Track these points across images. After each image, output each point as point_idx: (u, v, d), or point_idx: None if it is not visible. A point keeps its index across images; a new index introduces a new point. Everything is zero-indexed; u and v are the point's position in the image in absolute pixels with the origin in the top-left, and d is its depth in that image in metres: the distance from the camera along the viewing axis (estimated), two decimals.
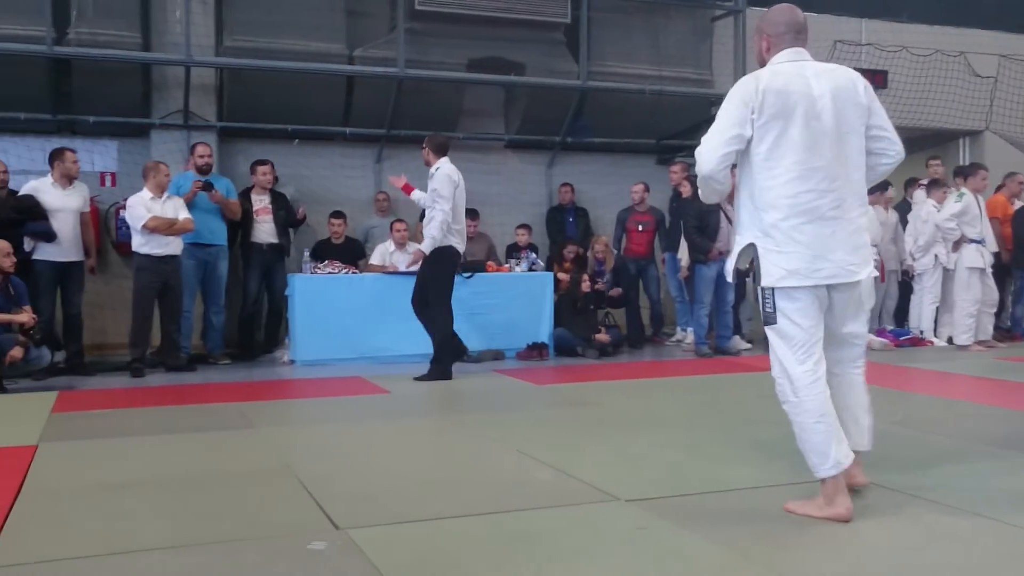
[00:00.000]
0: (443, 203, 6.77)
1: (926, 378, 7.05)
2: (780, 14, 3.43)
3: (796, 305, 3.21)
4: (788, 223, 3.18)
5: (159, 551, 2.90)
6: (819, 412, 3.21)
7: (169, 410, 5.71)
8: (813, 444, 3.24)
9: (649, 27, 10.01)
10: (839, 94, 3.26)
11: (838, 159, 3.22)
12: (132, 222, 7.17)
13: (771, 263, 3.21)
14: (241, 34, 8.76)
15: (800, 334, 3.22)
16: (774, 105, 3.19)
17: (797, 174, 3.18)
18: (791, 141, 3.18)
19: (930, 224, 9.07)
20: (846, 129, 3.25)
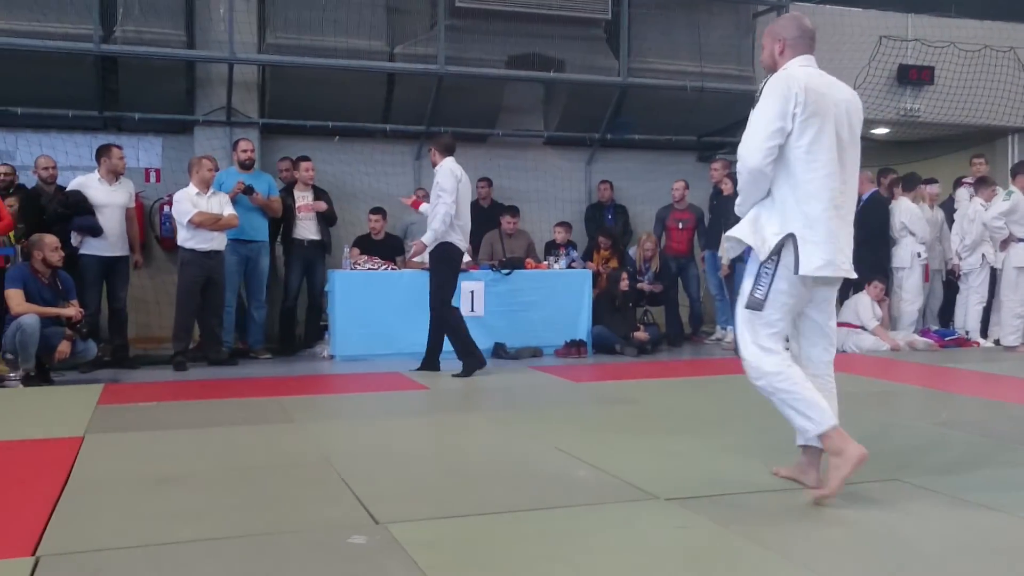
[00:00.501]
0: (446, 196, 6.77)
1: (971, 379, 6.93)
2: (795, 20, 3.61)
3: (794, 298, 3.39)
4: (827, 214, 3.33)
5: (202, 542, 2.93)
6: (800, 376, 3.38)
7: (211, 404, 5.78)
8: (806, 403, 3.34)
9: (690, 23, 9.93)
10: (851, 106, 3.48)
11: (851, 164, 3.45)
12: (178, 217, 7.26)
13: (810, 253, 3.32)
14: (283, 31, 8.84)
15: (781, 322, 3.43)
16: (814, 103, 3.32)
17: (831, 170, 3.35)
18: (827, 138, 3.34)
19: (977, 223, 8.91)
20: (855, 139, 3.48)
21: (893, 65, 11.30)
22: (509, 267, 8.28)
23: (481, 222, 9.33)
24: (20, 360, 6.36)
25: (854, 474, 3.31)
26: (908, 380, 6.86)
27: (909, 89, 11.49)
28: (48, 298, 6.52)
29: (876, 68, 11.09)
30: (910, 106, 11.50)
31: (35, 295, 6.45)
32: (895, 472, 3.82)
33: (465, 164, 7.27)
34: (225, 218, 7.39)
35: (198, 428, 4.91)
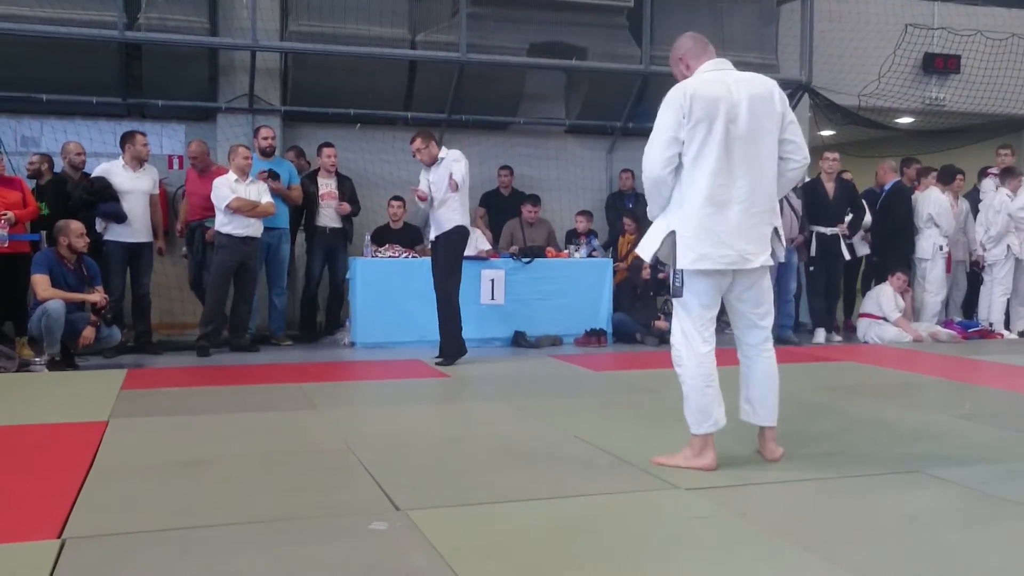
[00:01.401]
0: (460, 173, 6.83)
1: (994, 371, 6.88)
2: (684, 39, 3.85)
3: (700, 285, 3.63)
4: (703, 211, 3.56)
5: (224, 527, 2.97)
6: (709, 377, 3.66)
7: (233, 390, 5.82)
8: (700, 405, 3.67)
9: (714, 11, 9.87)
10: (755, 100, 3.61)
11: (749, 159, 3.59)
12: (216, 202, 7.31)
13: (686, 247, 3.59)
14: (306, 19, 8.86)
15: (700, 310, 3.66)
16: (701, 109, 3.55)
17: (714, 170, 3.55)
18: (713, 141, 3.55)
19: (1003, 214, 8.83)
20: (760, 132, 3.61)
21: (919, 54, 11.18)
22: (529, 256, 8.28)
23: (502, 210, 9.35)
24: (45, 345, 6.44)
25: (685, 468, 3.67)
26: (930, 372, 6.81)
27: (935, 78, 11.37)
28: (73, 284, 6.59)
29: (901, 57, 10.97)
30: (935, 95, 11.39)
31: (60, 281, 6.52)
32: (917, 464, 3.81)
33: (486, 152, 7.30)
34: (262, 205, 7.47)
35: (220, 414, 4.95)
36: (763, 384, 3.81)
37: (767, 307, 3.80)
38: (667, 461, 3.75)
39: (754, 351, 3.81)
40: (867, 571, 2.62)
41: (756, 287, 3.73)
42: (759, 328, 3.80)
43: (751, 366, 3.83)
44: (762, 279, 3.75)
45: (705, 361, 3.67)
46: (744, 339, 3.83)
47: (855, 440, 4.34)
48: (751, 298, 3.75)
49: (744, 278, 3.69)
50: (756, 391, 3.81)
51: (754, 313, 3.77)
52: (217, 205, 7.30)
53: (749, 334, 3.81)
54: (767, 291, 3.79)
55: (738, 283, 3.69)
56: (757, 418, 3.83)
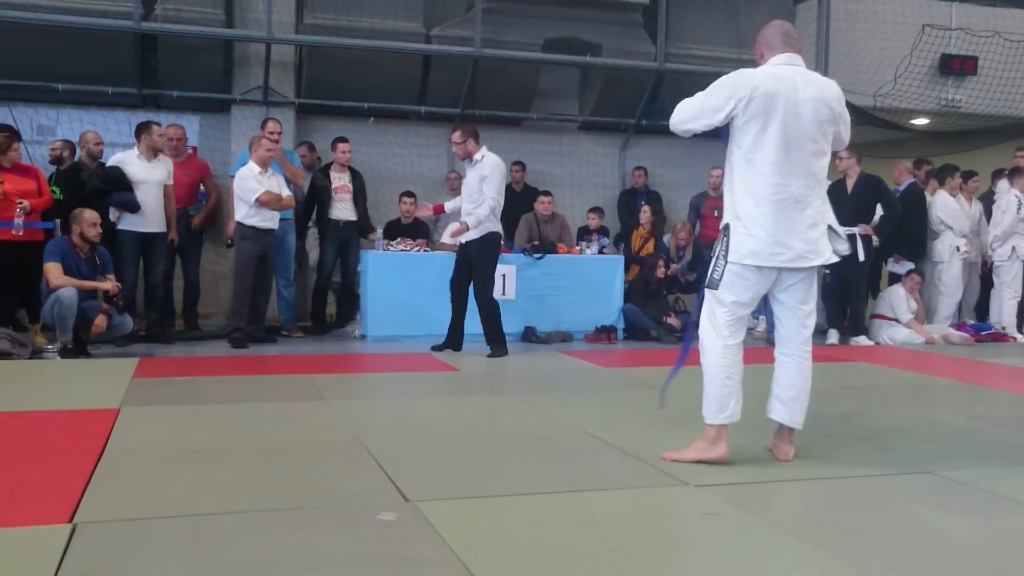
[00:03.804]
0: (494, 191, 6.84)
1: (1007, 374, 6.84)
2: (770, 27, 3.85)
3: (745, 283, 3.64)
4: (759, 210, 3.58)
5: (234, 515, 2.98)
6: (731, 369, 3.67)
7: (244, 380, 5.84)
8: (719, 396, 3.67)
9: (729, 9, 9.83)
10: (819, 103, 3.63)
11: (806, 159, 3.60)
12: (244, 194, 7.32)
13: (738, 243, 3.62)
14: (321, 12, 8.88)
15: (734, 306, 3.67)
16: (760, 105, 3.55)
17: (770, 168, 3.56)
18: (769, 138, 3.56)
19: (1009, 214, 8.78)
20: (817, 133, 3.63)
21: (935, 54, 11.12)
22: (541, 251, 8.28)
23: (514, 206, 9.31)
24: (58, 332, 6.47)
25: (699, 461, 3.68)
26: (942, 374, 6.78)
27: (951, 79, 11.31)
28: (86, 272, 6.62)
29: (918, 57, 10.91)
30: (952, 96, 11.33)
31: (73, 269, 6.55)
32: (928, 465, 3.79)
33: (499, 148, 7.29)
34: (285, 199, 7.54)
35: (231, 403, 4.97)
36: (799, 384, 3.78)
37: (812, 305, 3.79)
38: (679, 456, 3.74)
39: (795, 350, 3.79)
40: (876, 570, 2.61)
41: (804, 284, 3.72)
42: (804, 327, 3.78)
43: (789, 365, 3.79)
44: (810, 277, 3.73)
45: (730, 353, 3.67)
46: (788, 337, 3.80)
47: (867, 440, 4.32)
48: (799, 294, 3.73)
49: (792, 275, 3.68)
50: (792, 391, 3.78)
51: (801, 310, 3.75)
52: (245, 198, 7.31)
53: (795, 332, 3.78)
54: (814, 290, 3.79)
55: (786, 279, 3.68)
56: (790, 419, 3.79)
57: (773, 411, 3.83)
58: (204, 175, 8.27)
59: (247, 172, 7.35)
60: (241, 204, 7.33)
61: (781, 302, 3.76)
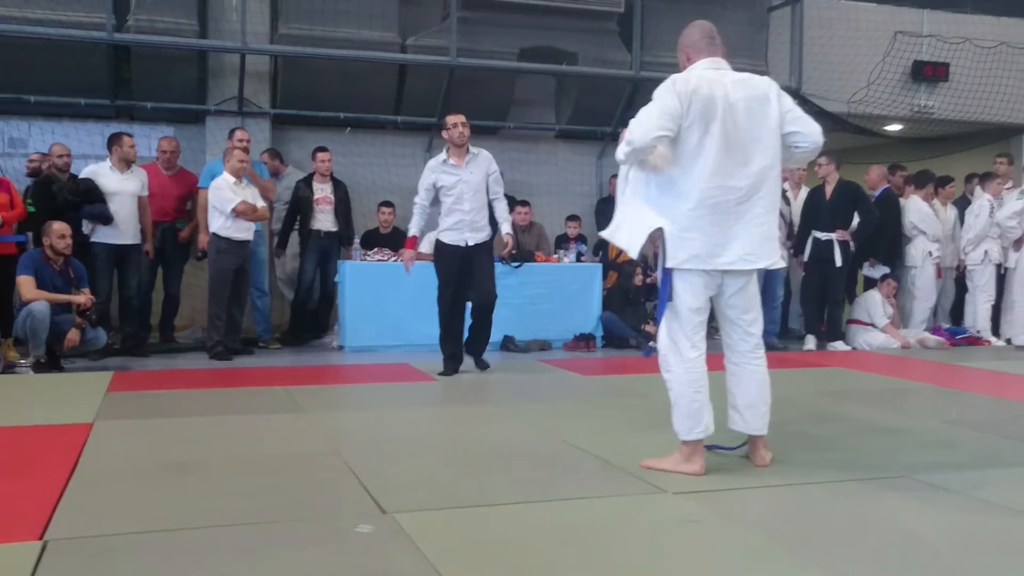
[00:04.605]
0: (503, 186, 6.68)
1: (982, 378, 6.90)
2: (694, 28, 3.83)
3: (691, 288, 3.60)
4: (697, 212, 3.53)
5: (209, 529, 2.94)
6: (698, 383, 3.62)
7: (220, 392, 5.79)
8: (689, 412, 3.63)
9: (704, 17, 9.61)
10: (753, 102, 3.59)
11: (747, 160, 3.56)
12: (220, 205, 7.25)
13: (678, 247, 3.56)
14: (296, 22, 8.84)
15: (690, 314, 3.61)
16: (699, 109, 3.52)
17: (711, 171, 3.51)
18: (711, 141, 3.52)
19: (982, 219, 8.87)
20: (757, 133, 3.58)
21: (908, 61, 11.22)
22: (519, 260, 8.27)
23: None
24: (31, 346, 6.39)
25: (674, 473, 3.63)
26: (918, 378, 6.83)
27: (924, 85, 11.42)
28: (59, 285, 6.55)
29: (890, 64, 11.01)
30: (924, 103, 11.43)
31: (47, 282, 6.47)
32: (905, 469, 3.81)
33: None
34: (260, 209, 7.49)
35: (207, 416, 4.92)
36: (753, 392, 3.76)
37: (756, 313, 3.76)
38: (656, 464, 3.73)
39: (744, 359, 3.77)
40: (853, 574, 2.62)
41: (745, 292, 3.70)
42: (749, 335, 3.75)
43: (740, 373, 3.77)
44: (751, 284, 3.72)
45: (694, 367, 3.62)
46: (734, 346, 3.78)
47: (844, 445, 4.34)
48: (740, 303, 3.71)
49: (734, 281, 3.66)
50: (745, 399, 3.76)
51: (743, 319, 3.73)
52: (221, 208, 7.25)
53: (740, 342, 3.76)
54: (755, 296, 3.76)
55: (728, 286, 3.66)
56: (747, 427, 3.79)
57: (731, 421, 3.81)
58: (192, 189, 8.18)
59: (222, 182, 7.30)
60: (216, 215, 7.27)
61: (723, 312, 3.75)
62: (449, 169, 6.37)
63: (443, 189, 6.38)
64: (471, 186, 6.35)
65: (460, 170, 6.35)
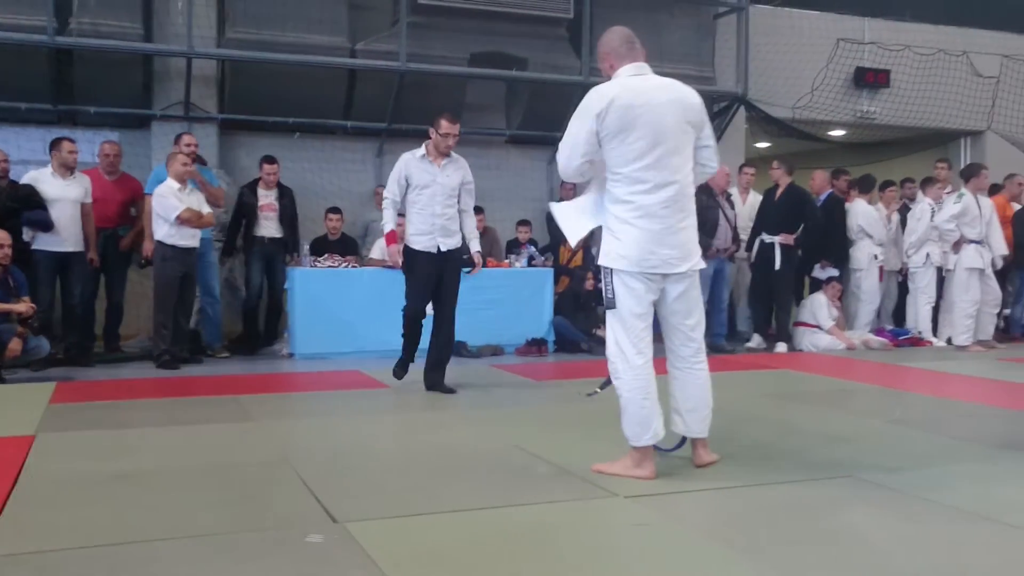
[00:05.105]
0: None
1: (924, 378, 7.05)
2: (613, 34, 3.87)
3: (632, 293, 3.64)
4: (626, 217, 3.62)
5: (156, 542, 2.89)
6: (646, 390, 3.64)
7: (167, 402, 5.71)
8: (639, 418, 3.66)
9: (652, 24, 9.98)
10: (675, 107, 3.66)
11: (670, 166, 3.62)
12: (164, 212, 7.12)
13: (609, 249, 3.67)
14: (243, 26, 8.75)
15: (633, 320, 3.65)
16: (619, 119, 3.58)
17: (635, 177, 3.59)
18: (632, 149, 3.58)
19: (923, 222, 9.08)
20: (680, 139, 3.66)
21: (850, 68, 11.45)
22: (470, 265, 8.25)
23: None
24: None
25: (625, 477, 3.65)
26: (863, 379, 6.96)
27: (865, 92, 11.66)
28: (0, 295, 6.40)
29: (833, 70, 11.23)
30: (866, 108, 11.68)
31: None
32: (851, 469, 3.88)
33: None
34: (206, 216, 7.38)
35: (153, 427, 4.85)
36: (695, 396, 3.81)
37: (697, 318, 3.80)
38: (607, 469, 3.75)
39: (686, 363, 3.80)
40: (802, 573, 2.66)
41: (686, 296, 3.73)
42: (691, 340, 3.79)
43: (682, 378, 3.81)
44: (691, 288, 3.75)
45: (641, 373, 3.65)
46: (677, 351, 3.81)
47: (790, 446, 4.41)
48: (681, 308, 3.74)
49: (674, 285, 3.69)
50: (687, 403, 3.81)
51: (684, 324, 3.76)
52: (165, 216, 7.13)
53: (682, 347, 3.80)
54: (696, 301, 3.80)
55: (669, 291, 3.70)
56: (688, 430, 3.84)
57: (673, 424, 3.85)
58: (136, 194, 8.03)
59: (166, 189, 7.18)
60: (161, 223, 7.16)
61: (665, 318, 3.78)
62: (426, 166, 5.97)
63: (415, 187, 5.94)
64: (446, 189, 6.00)
65: (437, 170, 5.98)
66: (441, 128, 6.01)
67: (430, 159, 6.01)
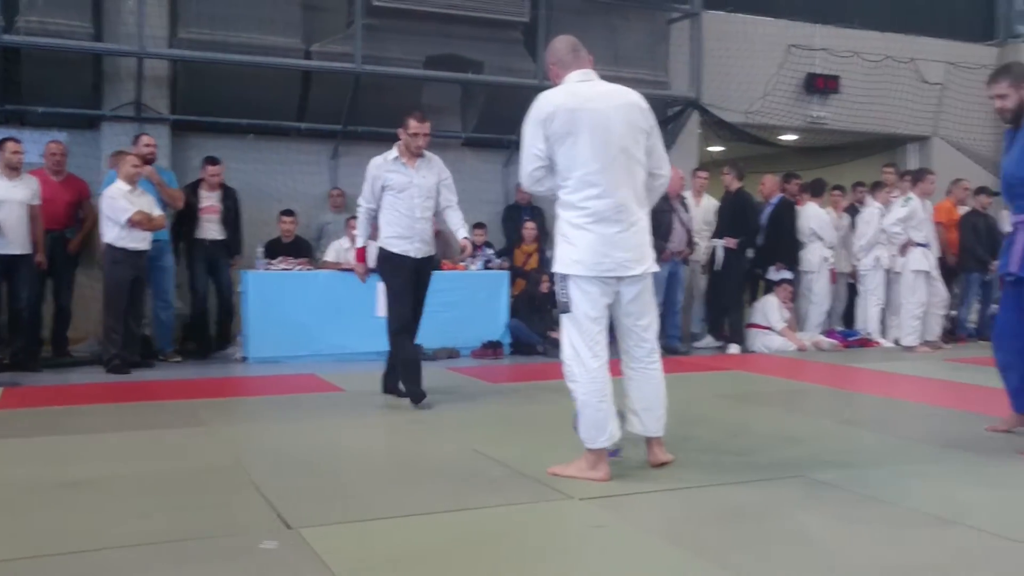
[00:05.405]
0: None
1: (873, 378, 7.19)
2: (558, 42, 3.94)
3: (587, 297, 3.67)
4: (577, 222, 3.65)
5: (108, 551, 2.86)
6: (602, 392, 3.68)
7: (118, 407, 5.62)
8: (595, 420, 3.69)
9: (606, 28, 10.06)
10: (621, 112, 3.70)
11: (619, 170, 3.66)
12: (113, 215, 7.00)
13: (564, 254, 3.70)
14: (196, 26, 8.64)
15: (588, 323, 3.68)
16: (564, 124, 3.63)
17: (584, 182, 3.63)
18: (580, 153, 3.63)
19: (872, 226, 9.26)
20: (627, 143, 3.69)
21: (801, 73, 11.63)
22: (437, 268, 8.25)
23: None
24: None
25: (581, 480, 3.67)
26: (813, 379, 7.08)
27: (816, 97, 11.84)
28: None
29: (785, 76, 11.40)
30: (817, 113, 11.86)
31: None
32: (801, 469, 3.95)
33: None
34: (156, 218, 7.26)
35: (104, 433, 4.77)
36: (650, 396, 3.85)
37: (650, 319, 3.84)
38: (562, 471, 3.77)
39: (640, 364, 3.85)
40: (754, 573, 2.70)
41: (640, 299, 3.78)
42: (644, 341, 3.83)
43: (637, 379, 3.85)
44: (645, 291, 3.79)
45: (597, 376, 3.68)
46: (631, 353, 3.86)
47: (742, 447, 4.47)
48: (635, 310, 3.79)
49: (628, 288, 3.73)
50: (642, 403, 3.85)
51: (638, 325, 3.81)
52: (115, 218, 7.01)
53: (635, 348, 3.84)
54: (650, 303, 3.85)
55: (623, 294, 3.73)
56: (645, 429, 3.88)
57: (628, 424, 3.88)
58: (83, 195, 7.89)
59: (115, 191, 7.07)
60: (111, 225, 7.04)
61: (619, 320, 3.82)
62: (399, 168, 5.68)
63: (390, 190, 5.63)
64: (423, 191, 5.71)
65: (412, 172, 5.69)
66: (409, 128, 5.74)
67: (403, 161, 5.72)
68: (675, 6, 10.50)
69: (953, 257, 9.64)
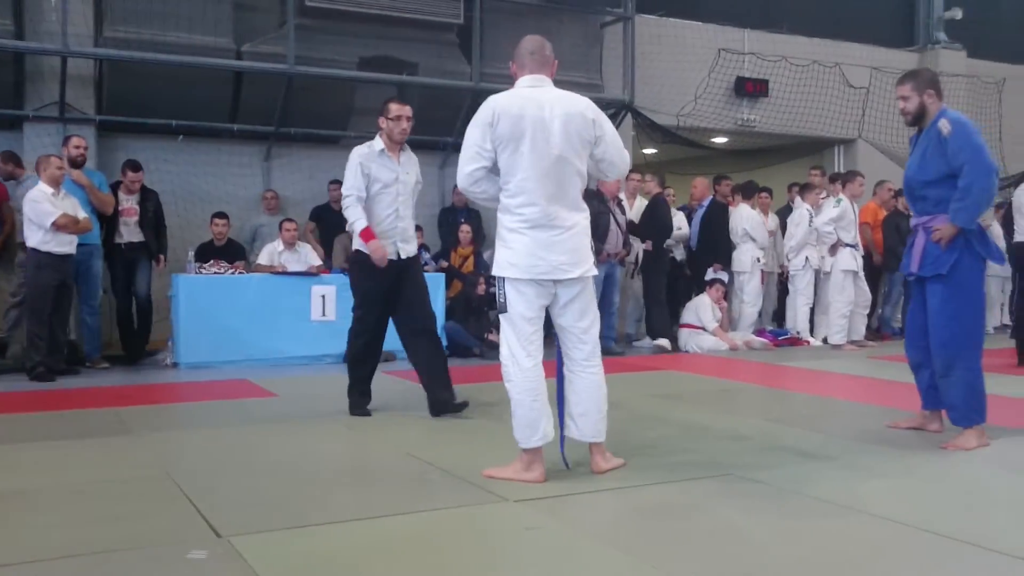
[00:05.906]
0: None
1: (802, 376, 7.34)
2: (522, 42, 3.88)
3: (523, 298, 3.70)
4: (515, 225, 3.69)
5: (32, 564, 2.78)
6: (535, 392, 3.70)
7: (41, 416, 5.47)
8: (528, 420, 3.72)
9: (541, 30, 9.86)
10: (568, 120, 3.69)
11: (559, 176, 3.68)
12: (38, 218, 6.80)
13: (501, 257, 3.74)
14: (122, 24, 8.47)
15: (524, 323, 3.72)
16: (507, 128, 3.65)
17: (523, 187, 3.66)
18: (521, 158, 3.65)
19: (802, 227, 9.47)
20: (568, 152, 3.69)
21: (731, 77, 11.85)
22: None
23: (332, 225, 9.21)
24: None
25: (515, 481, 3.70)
26: (745, 378, 7.21)
27: (746, 100, 12.08)
28: None
29: (715, 80, 11.61)
30: (747, 117, 12.10)
31: None
32: (732, 468, 4.01)
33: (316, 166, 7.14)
34: (83, 222, 7.09)
35: (27, 442, 4.63)
36: (588, 399, 3.81)
37: (589, 320, 3.83)
38: (497, 473, 3.78)
39: (578, 366, 3.82)
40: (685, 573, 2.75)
41: (578, 300, 3.78)
42: (583, 343, 3.82)
43: (575, 381, 3.82)
44: (583, 292, 3.79)
45: (531, 376, 3.70)
46: (570, 354, 3.84)
47: (674, 446, 4.54)
48: (573, 311, 3.79)
49: (566, 290, 3.75)
50: (580, 407, 3.81)
51: (576, 327, 3.80)
52: (38, 222, 6.82)
53: (575, 349, 3.82)
54: (590, 305, 3.84)
55: (561, 296, 3.75)
56: (581, 434, 3.83)
57: (565, 428, 3.86)
58: (2, 198, 7.67)
59: (39, 194, 6.87)
60: (35, 229, 6.85)
61: (557, 321, 3.83)
62: (387, 162, 5.31)
63: (375, 183, 5.27)
64: (408, 187, 5.41)
65: (398, 167, 5.35)
66: (391, 112, 5.33)
67: (389, 154, 5.33)
68: (608, 10, 10.62)
69: (879, 257, 9.90)
